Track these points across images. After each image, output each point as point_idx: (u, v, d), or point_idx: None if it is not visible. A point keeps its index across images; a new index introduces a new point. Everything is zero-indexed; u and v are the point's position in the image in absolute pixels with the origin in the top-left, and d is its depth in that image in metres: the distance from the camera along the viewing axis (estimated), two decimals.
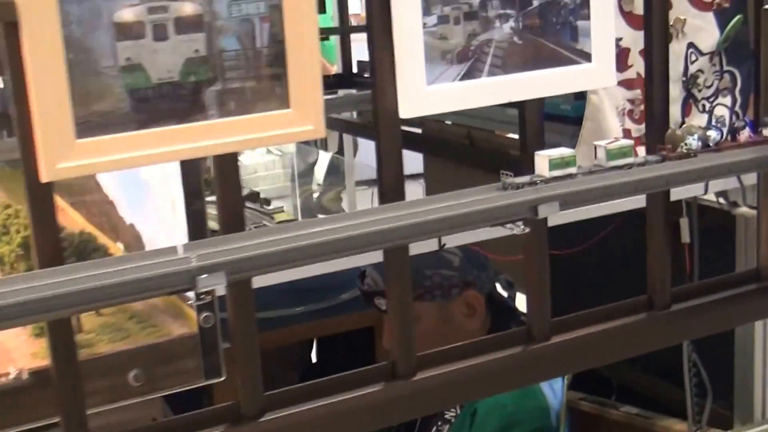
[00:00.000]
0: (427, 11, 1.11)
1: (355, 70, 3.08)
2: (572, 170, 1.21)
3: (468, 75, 1.15)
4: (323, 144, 4.90)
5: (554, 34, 1.19)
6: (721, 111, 1.90)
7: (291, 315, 2.46)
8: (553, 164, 1.20)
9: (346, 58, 3.11)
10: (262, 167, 6.38)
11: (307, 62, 1.03)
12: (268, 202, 3.61)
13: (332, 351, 2.77)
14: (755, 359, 2.01)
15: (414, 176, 3.20)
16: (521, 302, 1.94)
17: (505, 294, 2.17)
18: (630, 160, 1.25)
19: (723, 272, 1.82)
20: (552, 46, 1.19)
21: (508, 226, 1.19)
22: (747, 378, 2.01)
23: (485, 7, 1.14)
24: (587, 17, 1.20)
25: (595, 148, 1.26)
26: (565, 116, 1.94)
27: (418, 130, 2.92)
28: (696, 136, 1.27)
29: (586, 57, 1.21)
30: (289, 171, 5.59)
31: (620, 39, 1.79)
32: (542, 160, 1.20)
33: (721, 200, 1.93)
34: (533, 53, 1.18)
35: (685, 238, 2.05)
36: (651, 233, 1.33)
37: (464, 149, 2.76)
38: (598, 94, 1.83)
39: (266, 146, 1.02)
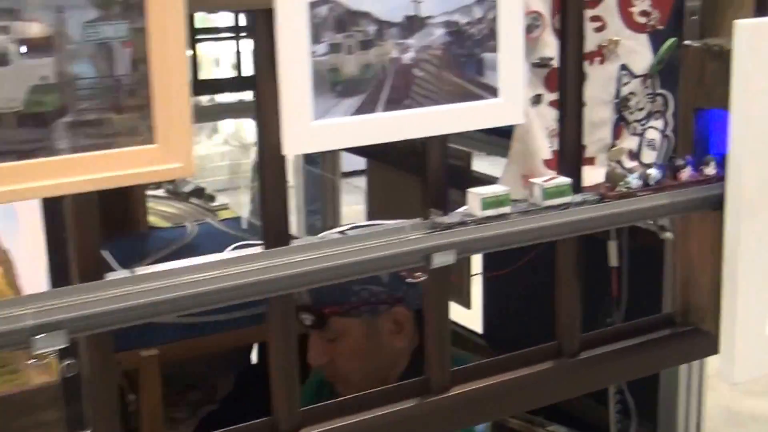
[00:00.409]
0: (316, 38, 1.01)
1: None
2: (506, 210, 1.15)
3: (362, 109, 1.05)
4: None
5: (458, 66, 1.10)
6: (653, 134, 1.83)
7: (230, 319, 2.35)
8: (486, 203, 1.13)
9: None
10: (219, 157, 6.22)
11: (175, 92, 0.92)
12: (212, 198, 3.47)
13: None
14: (680, 382, 1.95)
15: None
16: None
17: None
18: (567, 199, 1.19)
19: (653, 296, 1.75)
20: (455, 80, 1.10)
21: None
22: (671, 400, 1.95)
23: (382, 35, 1.05)
24: (494, 49, 1.11)
25: (532, 185, 1.20)
26: None
27: None
28: (637, 175, 1.23)
29: (492, 92, 1.12)
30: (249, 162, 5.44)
31: (551, 59, 1.71)
32: (474, 198, 1.13)
33: (650, 221, 1.86)
34: (435, 87, 1.09)
35: (613, 261, 1.98)
36: (560, 278, 1.24)
37: (406, 155, 2.68)
38: (527, 115, 1.75)
39: (128, 185, 0.95)
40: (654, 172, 1.23)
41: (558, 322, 1.27)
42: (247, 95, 3.30)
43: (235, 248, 1.08)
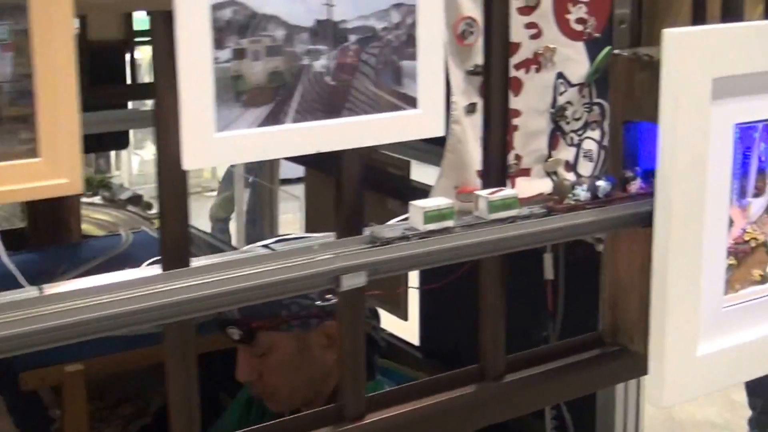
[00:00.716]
0: (219, 43, 0.94)
1: None
2: (449, 223, 1.10)
3: (269, 120, 0.98)
4: None
5: (374, 74, 1.03)
6: (590, 145, 1.78)
7: (160, 332, 2.27)
8: (429, 217, 1.08)
9: None
10: None
11: (62, 101, 0.85)
12: (150, 206, 3.38)
13: (211, 365, 2.60)
14: (616, 396, 1.90)
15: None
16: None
17: (372, 324, 2.02)
18: (514, 212, 1.15)
19: (591, 310, 1.70)
20: (372, 89, 1.03)
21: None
22: (608, 411, 1.90)
23: (291, 41, 0.98)
24: (413, 57, 1.05)
25: (477, 198, 1.16)
26: None
27: None
28: (585, 187, 1.18)
29: (411, 102, 1.06)
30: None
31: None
32: (417, 211, 1.08)
33: None
34: (349, 96, 1.02)
35: (548, 274, 1.93)
36: (483, 298, 1.18)
37: (335, 161, 2.62)
38: (460, 124, 1.69)
39: (5, 202, 0.89)
40: (603, 184, 1.20)
41: (481, 343, 1.21)
42: None
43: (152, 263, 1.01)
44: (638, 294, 1.20)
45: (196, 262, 0.96)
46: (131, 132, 5.87)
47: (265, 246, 1.07)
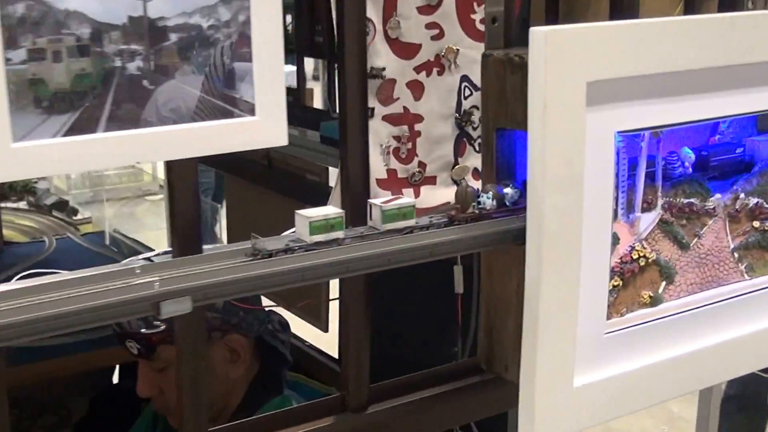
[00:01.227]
0: (12, 42, 0.83)
1: None
2: (338, 234, 1.03)
3: (77, 129, 0.87)
4: None
5: (201, 78, 0.92)
6: None
7: (92, 340, 2.20)
8: (315, 227, 1.01)
9: None
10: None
11: None
12: (75, 211, 3.30)
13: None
14: None
15: None
16: None
17: (280, 337, 1.93)
18: (410, 222, 1.08)
19: None
20: (198, 93, 0.92)
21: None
22: None
23: (100, 40, 0.87)
24: (248, 58, 0.94)
25: (370, 207, 1.08)
26: None
27: None
28: (490, 195, 1.10)
29: (248, 108, 0.95)
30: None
31: (384, 69, 1.57)
32: (302, 221, 1.01)
33: None
34: (172, 102, 0.91)
35: (459, 288, 1.83)
36: (346, 320, 1.08)
37: (262, 170, 2.55)
38: None
39: None
40: (511, 192, 1.11)
41: (343, 371, 1.10)
42: None
43: None
44: (515, 318, 1.10)
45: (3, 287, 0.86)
46: None
47: (147, 259, 0.97)
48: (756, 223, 1.24)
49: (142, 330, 1.72)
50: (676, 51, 1.05)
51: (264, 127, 0.95)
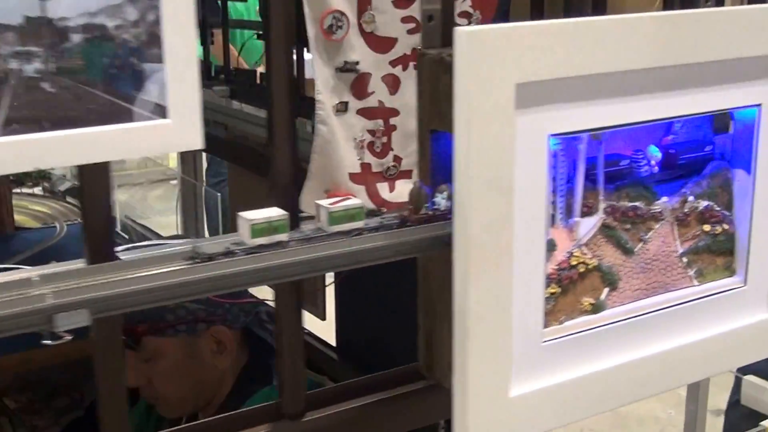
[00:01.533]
0: None
1: None
2: (282, 237, 1.00)
3: None
4: None
5: (108, 80, 0.89)
6: None
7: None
8: (257, 230, 0.98)
9: None
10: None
11: None
12: None
13: None
14: None
15: None
16: None
17: (268, 328, 1.93)
18: (359, 224, 1.06)
19: None
20: (105, 96, 0.89)
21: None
22: None
23: None
24: (158, 59, 0.91)
25: (317, 208, 1.05)
26: None
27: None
28: (445, 195, 1.08)
29: (159, 111, 0.92)
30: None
31: (357, 62, 1.55)
32: (243, 224, 0.98)
33: None
34: (76, 105, 0.88)
35: None
36: (279, 325, 1.05)
37: (262, 160, 2.52)
38: (327, 125, 1.57)
39: None
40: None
41: (280, 377, 1.07)
42: None
43: None
44: (450, 324, 1.06)
45: None
46: None
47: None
48: (706, 227, 1.21)
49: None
50: (612, 51, 1.01)
51: (177, 131, 0.92)
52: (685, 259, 1.19)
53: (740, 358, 1.25)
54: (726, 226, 1.22)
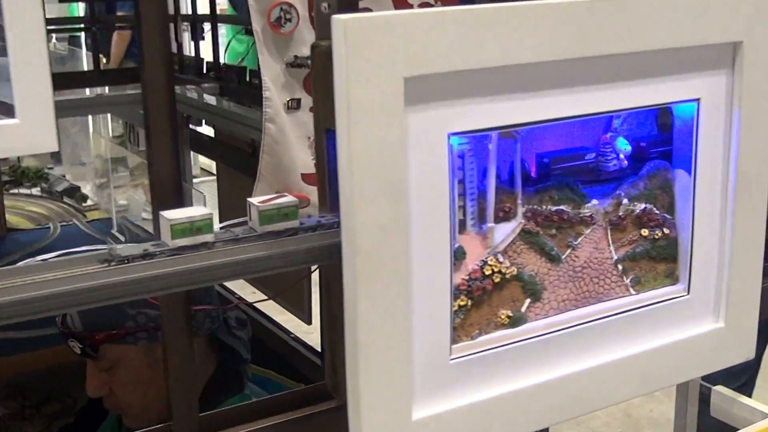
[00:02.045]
0: None
1: None
2: (207, 238, 0.95)
3: None
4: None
5: None
6: None
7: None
8: (178, 231, 0.93)
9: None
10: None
11: None
12: (84, 198, 3.31)
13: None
14: None
15: None
16: None
17: (238, 334, 1.86)
18: (294, 224, 1.01)
19: None
20: None
21: None
22: None
23: None
24: (2, 52, 0.83)
25: (248, 206, 1.00)
26: None
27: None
28: None
29: (6, 109, 0.84)
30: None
31: (308, 58, 1.50)
32: (164, 223, 0.93)
33: None
34: None
35: None
36: (167, 342, 0.96)
37: (248, 158, 2.48)
38: (275, 123, 1.50)
39: None
40: None
41: (170, 397, 0.99)
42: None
43: None
44: None
45: None
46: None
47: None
48: (644, 232, 1.11)
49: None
50: (518, 42, 0.92)
51: (27, 131, 0.84)
52: (620, 267, 1.10)
53: (685, 372, 1.15)
54: (667, 231, 1.12)
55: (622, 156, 1.12)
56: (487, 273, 1.00)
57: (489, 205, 1.00)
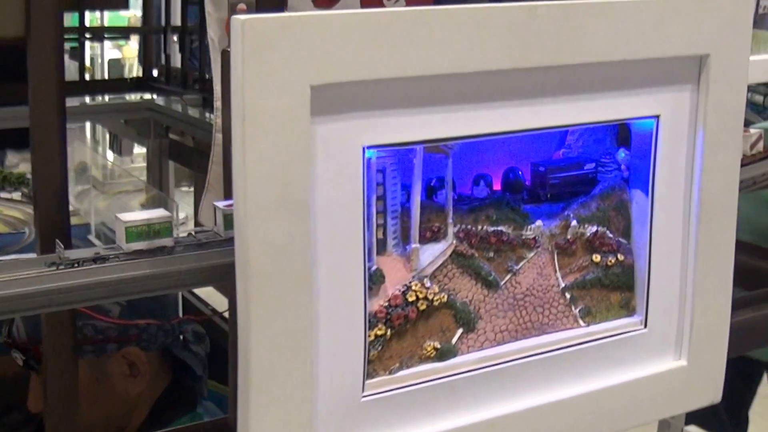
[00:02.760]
0: None
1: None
2: (166, 242, 0.90)
3: None
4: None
5: None
6: None
7: None
8: (133, 234, 0.88)
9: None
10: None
11: None
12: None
13: None
14: None
15: None
16: None
17: (193, 349, 1.78)
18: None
19: None
20: None
21: None
22: None
23: None
24: None
25: (214, 210, 0.94)
26: None
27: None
28: None
29: None
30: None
31: None
32: (119, 226, 0.88)
33: None
34: None
35: None
36: (48, 368, 0.89)
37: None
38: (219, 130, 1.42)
39: None
40: None
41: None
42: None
43: None
44: None
45: None
46: None
47: None
48: (596, 257, 1.02)
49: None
50: (442, 49, 0.83)
51: None
52: (568, 295, 1.01)
53: (642, 414, 1.06)
54: (621, 257, 1.03)
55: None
56: (410, 299, 0.91)
57: (413, 224, 0.91)
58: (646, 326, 1.04)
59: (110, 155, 4.04)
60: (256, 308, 0.81)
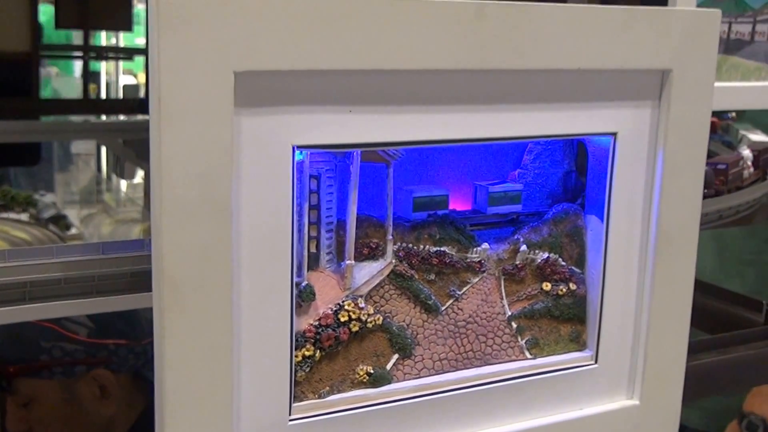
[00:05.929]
0: None
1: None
2: None
3: None
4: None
5: None
6: None
7: None
8: None
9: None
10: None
11: None
12: (68, 226, 3.24)
13: None
14: None
15: None
16: None
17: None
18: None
19: None
20: None
21: None
22: None
23: None
24: None
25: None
26: None
27: None
28: None
29: None
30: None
31: None
32: None
33: None
34: None
35: None
36: None
37: None
38: None
39: None
40: None
41: None
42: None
43: None
44: None
45: None
46: None
47: None
48: (546, 285, 0.95)
49: None
50: (383, 43, 0.76)
51: None
52: (514, 325, 0.93)
53: None
54: (573, 286, 0.96)
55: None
56: (342, 319, 0.83)
57: (348, 239, 0.83)
58: (597, 362, 0.96)
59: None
60: (170, 320, 0.73)
